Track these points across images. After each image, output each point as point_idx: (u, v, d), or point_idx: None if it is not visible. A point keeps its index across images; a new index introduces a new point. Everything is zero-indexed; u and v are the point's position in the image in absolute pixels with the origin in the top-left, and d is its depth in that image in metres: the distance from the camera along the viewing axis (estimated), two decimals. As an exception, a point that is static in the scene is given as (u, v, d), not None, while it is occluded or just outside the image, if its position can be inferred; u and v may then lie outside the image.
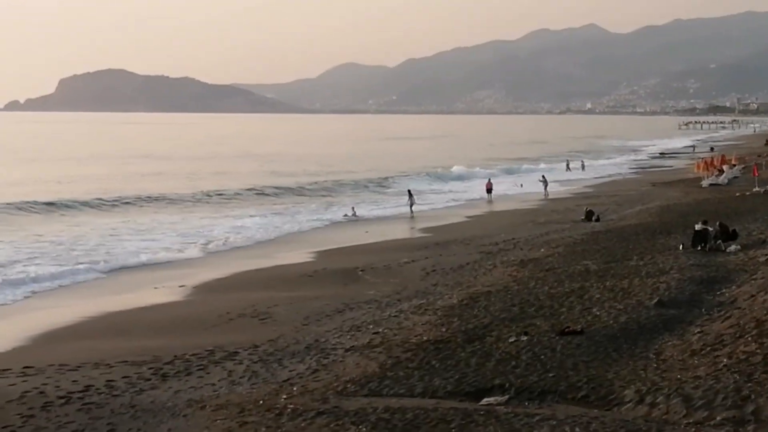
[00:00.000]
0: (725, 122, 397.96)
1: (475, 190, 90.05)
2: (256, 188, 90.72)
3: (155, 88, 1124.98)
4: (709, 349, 22.40)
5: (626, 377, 20.88)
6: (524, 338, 24.72)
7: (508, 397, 20.24)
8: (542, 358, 22.79)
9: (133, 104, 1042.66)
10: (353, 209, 68.90)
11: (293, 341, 26.80)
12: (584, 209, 59.03)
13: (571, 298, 29.97)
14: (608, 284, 31.82)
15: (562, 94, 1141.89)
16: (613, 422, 17.94)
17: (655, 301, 28.36)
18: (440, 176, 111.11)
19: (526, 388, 20.67)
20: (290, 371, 23.31)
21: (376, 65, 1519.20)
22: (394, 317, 29.42)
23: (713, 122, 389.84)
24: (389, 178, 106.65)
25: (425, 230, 57.51)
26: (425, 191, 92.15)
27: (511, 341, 24.55)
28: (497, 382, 21.11)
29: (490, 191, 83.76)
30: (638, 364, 21.99)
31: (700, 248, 38.99)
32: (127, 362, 24.71)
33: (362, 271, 40.42)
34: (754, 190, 68.57)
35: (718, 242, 39.35)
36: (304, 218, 66.63)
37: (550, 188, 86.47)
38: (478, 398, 20.26)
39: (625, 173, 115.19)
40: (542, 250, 43.04)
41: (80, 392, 21.79)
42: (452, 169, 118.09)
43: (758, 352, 21.10)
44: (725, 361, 21.13)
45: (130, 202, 77.56)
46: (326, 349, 25.56)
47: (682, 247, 39.57)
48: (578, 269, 35.81)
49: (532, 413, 18.71)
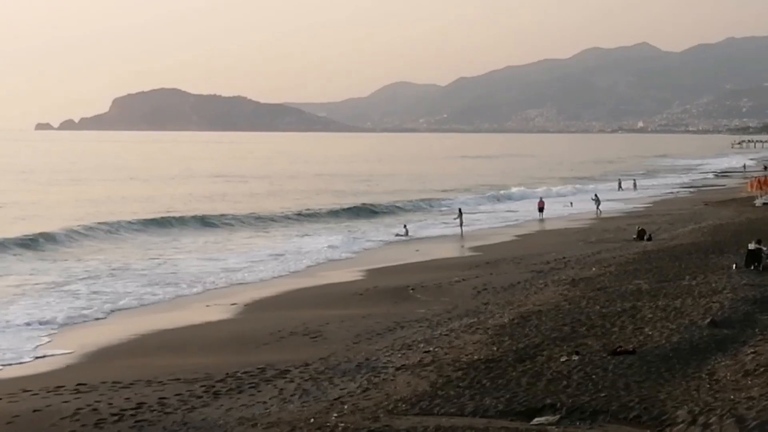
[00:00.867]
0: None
1: (528, 209, 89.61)
2: (321, 208, 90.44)
3: (208, 106, 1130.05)
4: (762, 369, 22.19)
5: (679, 397, 20.73)
6: (575, 358, 24.61)
7: (559, 416, 20.16)
8: (594, 377, 22.68)
9: (185, 123, 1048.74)
10: (405, 227, 68.86)
11: (344, 359, 26.84)
12: (636, 228, 58.75)
13: (622, 317, 29.81)
14: (660, 304, 31.62)
15: (613, 112, 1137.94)
16: (665, 443, 17.83)
17: (707, 320, 28.15)
18: (496, 195, 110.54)
19: (577, 408, 20.58)
20: (341, 389, 23.34)
21: (427, 84, 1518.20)
22: (444, 336, 29.40)
23: (767, 141, 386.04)
24: (443, 196, 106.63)
25: (476, 249, 57.42)
26: (479, 210, 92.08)
27: (562, 361, 24.45)
28: (548, 401, 21.03)
29: (541, 210, 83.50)
30: (691, 384, 21.84)
31: (753, 268, 38.70)
32: (179, 380, 24.85)
33: (413, 289, 40.41)
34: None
35: (771, 262, 39.05)
36: (356, 237, 66.66)
37: (602, 206, 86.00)
38: (529, 418, 20.19)
39: (677, 192, 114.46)
40: (594, 269, 42.86)
41: (133, 409, 21.93)
42: (512, 189, 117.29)
43: (813, 373, 20.91)
44: (779, 381, 20.95)
45: (229, 222, 77.30)
46: (377, 367, 25.58)
47: (735, 266, 39.28)
48: (630, 288, 35.62)
49: (583, 433, 18.64)
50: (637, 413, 20.11)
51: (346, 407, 21.39)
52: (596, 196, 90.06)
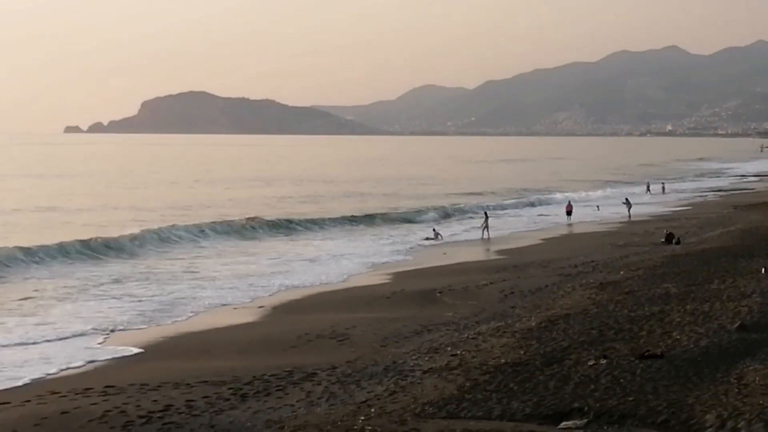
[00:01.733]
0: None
1: (557, 212, 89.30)
2: (363, 213, 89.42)
3: (236, 110, 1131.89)
4: (792, 374, 22.10)
5: (707, 402, 20.66)
6: (603, 362, 24.55)
7: (587, 420, 20.14)
8: (621, 381, 22.62)
9: (214, 126, 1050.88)
10: (434, 230, 68.75)
11: (371, 362, 26.86)
12: (664, 232, 58.56)
13: (651, 321, 29.72)
14: (689, 308, 31.51)
15: (642, 116, 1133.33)
16: (693, 447, 17.78)
17: (736, 325, 28.03)
18: (535, 199, 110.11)
19: (605, 412, 20.54)
20: (368, 393, 23.35)
21: (455, 87, 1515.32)
22: (472, 339, 29.37)
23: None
24: (484, 200, 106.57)
25: (504, 252, 57.34)
26: (507, 213, 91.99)
27: (590, 364, 24.40)
28: (576, 405, 21.00)
29: (569, 213, 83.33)
30: (719, 388, 21.75)
31: (783, 272, 38.50)
32: (206, 382, 24.91)
33: (440, 292, 40.40)
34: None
35: (801, 266, 38.86)
36: (384, 241, 66.69)
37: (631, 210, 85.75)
38: (556, 422, 20.18)
39: (706, 196, 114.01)
40: (621, 272, 42.74)
41: (160, 412, 22.00)
42: (554, 195, 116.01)
43: (843, 377, 20.79)
44: (809, 386, 20.85)
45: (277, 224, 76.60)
46: (404, 370, 25.58)
47: (764, 270, 39.09)
48: (658, 292, 35.51)
49: (611, 437, 18.60)
50: (665, 417, 20.06)
51: (373, 410, 21.41)
52: (627, 200, 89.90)
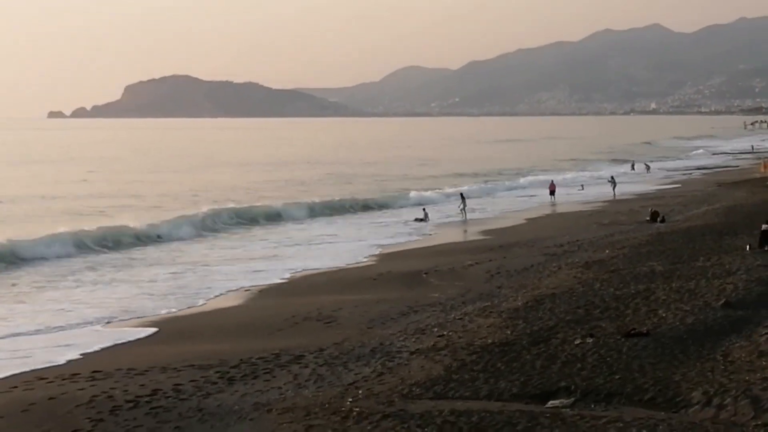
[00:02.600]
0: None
1: (541, 192, 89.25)
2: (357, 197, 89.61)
3: (220, 93, 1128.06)
4: (777, 350, 22.19)
5: (693, 379, 20.75)
6: (590, 340, 24.62)
7: (573, 399, 20.19)
8: (608, 360, 22.70)
9: (198, 110, 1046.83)
10: (424, 210, 68.71)
11: (358, 344, 26.88)
12: (649, 210, 58.65)
13: (636, 299, 29.81)
14: (674, 285, 31.61)
15: (625, 94, 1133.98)
16: (680, 425, 17.86)
17: (722, 302, 28.15)
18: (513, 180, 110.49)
19: (591, 390, 20.61)
20: (355, 374, 23.38)
21: (438, 68, 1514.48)
22: (458, 320, 29.41)
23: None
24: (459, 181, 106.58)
25: (489, 233, 57.36)
26: (495, 194, 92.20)
27: (576, 343, 24.47)
28: (563, 384, 21.07)
29: (552, 193, 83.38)
30: (705, 365, 21.85)
31: (767, 248, 38.61)
32: (194, 366, 24.90)
33: (426, 273, 40.41)
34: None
35: (785, 242, 38.95)
36: (368, 221, 66.72)
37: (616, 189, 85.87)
38: (543, 401, 20.23)
39: (690, 173, 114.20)
40: (607, 251, 42.83)
41: (148, 396, 21.97)
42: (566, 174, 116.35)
43: (828, 353, 20.88)
44: (794, 362, 20.94)
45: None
46: (391, 352, 25.61)
47: (749, 247, 39.22)
48: (644, 270, 35.60)
49: (598, 416, 18.67)
50: (651, 395, 20.14)
51: (360, 392, 21.44)
52: (612, 178, 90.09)
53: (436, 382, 21.87)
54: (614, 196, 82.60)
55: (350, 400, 20.72)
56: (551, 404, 19.92)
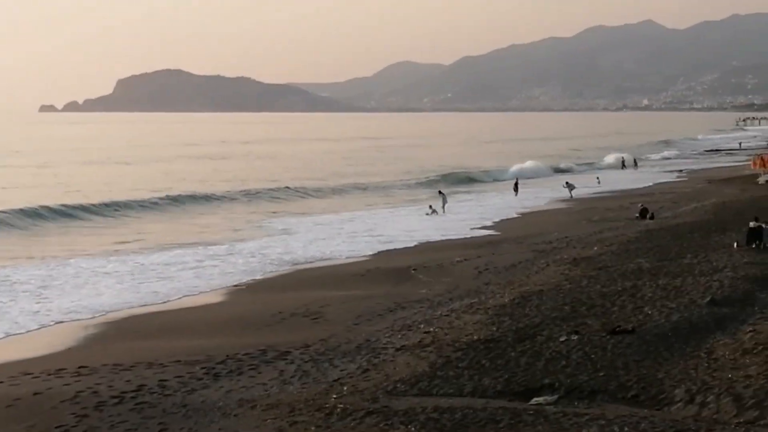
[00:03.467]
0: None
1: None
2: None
3: (212, 87, 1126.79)
4: (761, 348, 22.24)
5: (677, 377, 20.82)
6: (575, 337, 24.67)
7: (557, 396, 20.24)
8: (593, 357, 22.75)
9: (190, 104, 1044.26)
10: (431, 207, 68.23)
11: (344, 341, 26.90)
12: (638, 207, 58.70)
13: (623, 296, 29.87)
14: (661, 283, 31.68)
15: (618, 90, 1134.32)
16: (662, 422, 17.91)
17: (707, 299, 28.22)
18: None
19: (575, 387, 20.66)
20: (341, 371, 23.40)
21: (431, 63, 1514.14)
22: (445, 316, 29.43)
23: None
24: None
25: (479, 229, 57.41)
26: (483, 192, 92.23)
27: (561, 340, 24.51)
28: (547, 381, 21.12)
29: (516, 189, 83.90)
30: (689, 363, 21.90)
31: (754, 246, 38.72)
32: (179, 362, 24.90)
33: (414, 270, 40.45)
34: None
35: (772, 240, 39.06)
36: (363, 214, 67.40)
37: (605, 186, 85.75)
38: (527, 398, 20.27)
39: (680, 170, 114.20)
40: (595, 248, 42.88)
41: (133, 392, 21.97)
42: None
43: (811, 351, 20.95)
44: (777, 360, 21.00)
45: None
46: (377, 348, 25.62)
47: (736, 244, 39.31)
48: (631, 267, 35.67)
49: (581, 413, 18.71)
50: (635, 392, 20.21)
51: (345, 388, 21.46)
52: (567, 183, 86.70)
53: (420, 378, 21.89)
54: (571, 197, 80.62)
55: (335, 396, 20.74)
56: (535, 401, 19.96)
